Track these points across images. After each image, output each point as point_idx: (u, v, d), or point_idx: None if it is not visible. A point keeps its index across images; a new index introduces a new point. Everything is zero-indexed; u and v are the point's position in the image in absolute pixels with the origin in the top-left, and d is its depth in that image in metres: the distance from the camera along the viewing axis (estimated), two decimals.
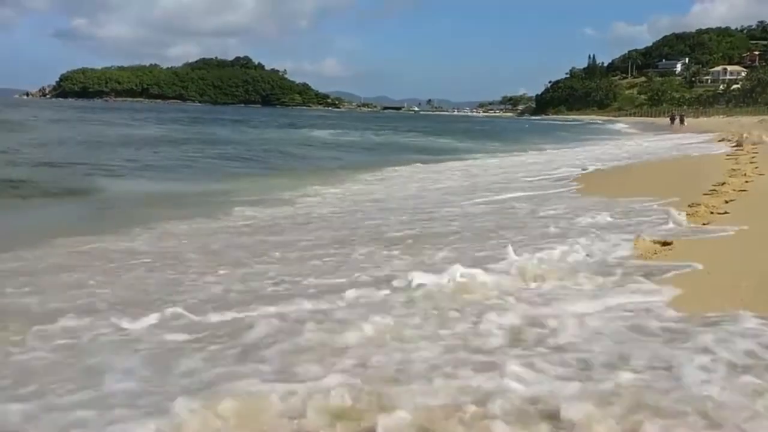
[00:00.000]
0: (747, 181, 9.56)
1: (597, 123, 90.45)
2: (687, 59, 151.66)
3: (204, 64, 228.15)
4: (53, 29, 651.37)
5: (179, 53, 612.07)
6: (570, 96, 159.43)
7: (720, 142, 23.85)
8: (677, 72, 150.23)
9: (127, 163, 18.80)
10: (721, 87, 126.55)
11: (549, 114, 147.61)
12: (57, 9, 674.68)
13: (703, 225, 6.32)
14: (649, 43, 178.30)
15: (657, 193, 8.84)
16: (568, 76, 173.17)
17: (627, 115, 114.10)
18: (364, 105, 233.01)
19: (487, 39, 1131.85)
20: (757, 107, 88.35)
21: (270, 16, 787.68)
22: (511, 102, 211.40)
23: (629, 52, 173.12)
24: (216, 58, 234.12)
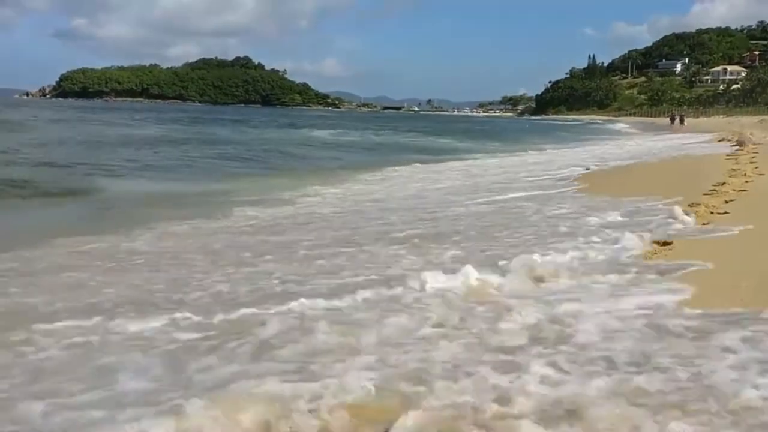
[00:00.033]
0: (747, 181, 9.58)
1: (597, 123, 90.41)
2: (687, 59, 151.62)
3: (204, 64, 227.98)
4: (53, 29, 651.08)
5: (179, 53, 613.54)
6: (570, 96, 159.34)
7: (720, 142, 23.83)
8: (677, 72, 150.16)
9: (127, 163, 18.77)
10: (721, 87, 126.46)
11: (549, 114, 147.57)
12: (57, 9, 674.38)
13: (704, 225, 6.34)
14: (649, 43, 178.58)
15: (660, 193, 8.84)
16: (568, 76, 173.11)
17: (627, 115, 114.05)
18: (364, 105, 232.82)
19: (487, 39, 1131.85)
20: (757, 107, 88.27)
21: (270, 16, 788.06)
22: (511, 102, 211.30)
23: (629, 52, 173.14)
24: (216, 58, 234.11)
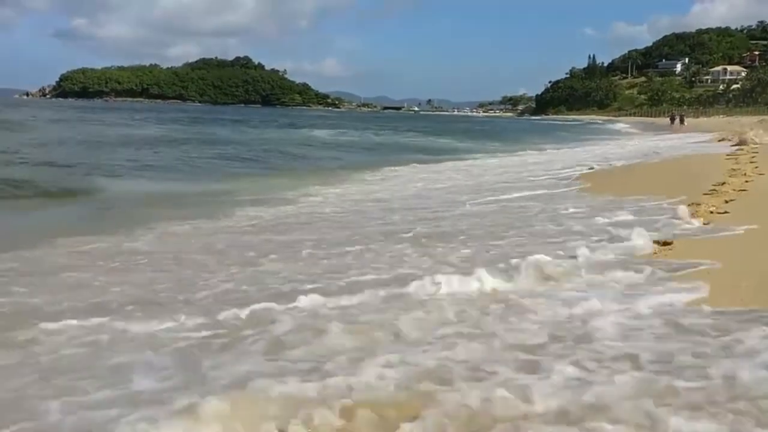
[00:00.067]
0: (747, 181, 9.58)
1: (597, 123, 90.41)
2: (687, 59, 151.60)
3: (204, 64, 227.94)
4: (53, 29, 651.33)
5: (179, 53, 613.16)
6: (570, 96, 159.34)
7: (720, 141, 23.82)
8: (677, 72, 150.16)
9: (127, 163, 18.78)
10: (721, 87, 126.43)
11: (549, 114, 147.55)
12: (57, 9, 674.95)
13: (706, 224, 6.36)
14: (649, 43, 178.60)
15: (662, 192, 8.86)
16: (568, 76, 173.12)
17: (627, 115, 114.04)
18: (364, 105, 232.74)
19: (487, 39, 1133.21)
20: (757, 107, 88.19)
21: (270, 16, 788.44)
22: (511, 102, 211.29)
23: (629, 52, 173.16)
24: (216, 58, 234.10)
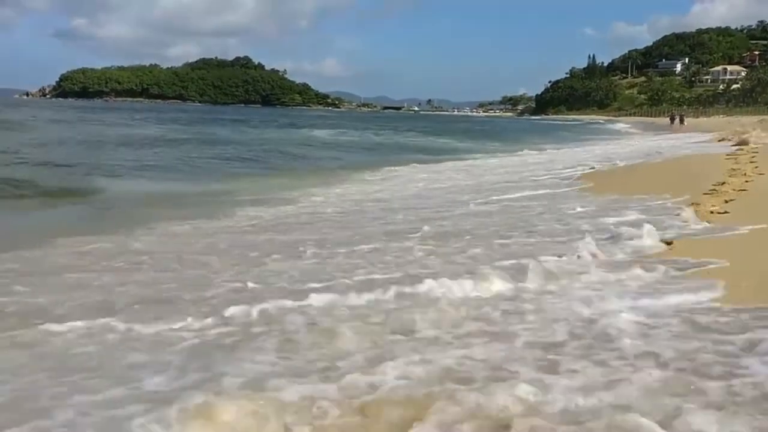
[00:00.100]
0: (747, 181, 9.58)
1: (598, 123, 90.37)
2: (687, 59, 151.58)
3: (204, 64, 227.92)
4: (53, 29, 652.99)
5: (179, 53, 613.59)
6: (570, 96, 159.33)
7: (720, 141, 23.80)
8: (677, 72, 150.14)
9: (127, 163, 18.79)
10: (721, 87, 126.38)
11: (549, 114, 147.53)
12: (57, 9, 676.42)
13: (711, 224, 6.40)
14: (649, 43, 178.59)
15: (666, 191, 8.88)
16: (568, 76, 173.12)
17: (627, 115, 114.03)
18: (364, 105, 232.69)
19: (487, 39, 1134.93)
20: (757, 107, 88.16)
21: (270, 16, 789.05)
22: (511, 102, 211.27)
23: (629, 52, 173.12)
24: (216, 58, 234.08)
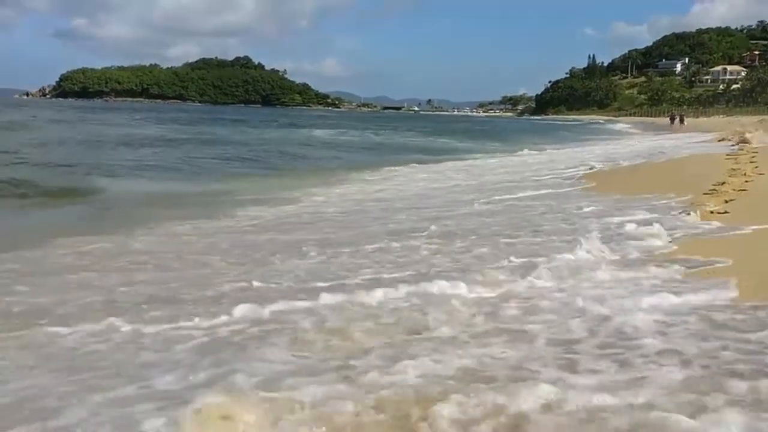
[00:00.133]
0: (747, 181, 9.58)
1: (598, 123, 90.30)
2: (687, 59, 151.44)
3: (204, 64, 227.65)
4: (53, 29, 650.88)
5: (179, 53, 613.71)
6: (570, 96, 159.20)
7: (720, 141, 23.80)
8: (677, 72, 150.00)
9: (127, 163, 18.78)
10: (721, 87, 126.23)
11: (549, 114, 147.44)
12: (57, 9, 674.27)
13: (719, 223, 6.43)
14: (649, 43, 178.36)
15: (669, 191, 8.90)
16: (568, 76, 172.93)
17: (627, 115, 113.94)
18: (364, 105, 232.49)
19: (487, 39, 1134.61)
20: (757, 107, 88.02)
21: (270, 16, 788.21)
22: (511, 102, 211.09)
23: (629, 52, 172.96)
24: (216, 58, 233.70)
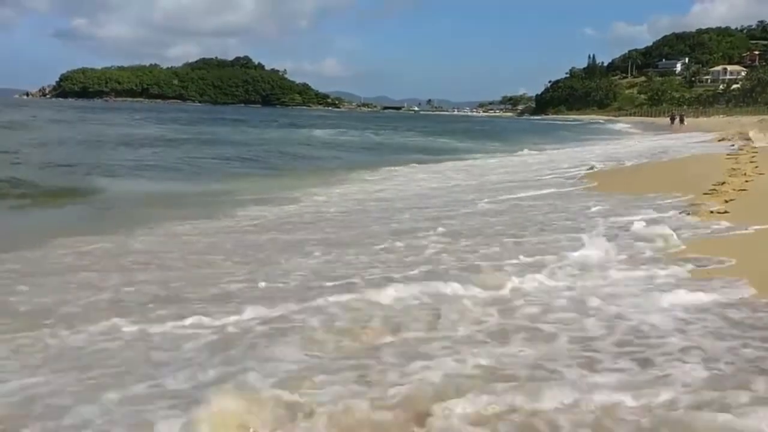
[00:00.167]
0: (747, 181, 9.58)
1: (598, 123, 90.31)
2: (687, 59, 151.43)
3: (204, 64, 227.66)
4: (53, 29, 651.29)
5: (179, 53, 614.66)
6: (570, 96, 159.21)
7: (720, 141, 23.80)
8: (677, 72, 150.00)
9: (127, 163, 18.77)
10: (721, 87, 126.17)
11: (549, 114, 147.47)
12: (57, 9, 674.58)
13: (725, 223, 6.43)
14: (649, 43, 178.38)
15: (672, 191, 8.92)
16: (568, 76, 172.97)
17: (627, 115, 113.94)
18: (364, 105, 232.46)
19: (487, 39, 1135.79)
20: (757, 107, 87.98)
21: (270, 16, 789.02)
22: (511, 102, 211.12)
23: (629, 51, 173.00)
24: (216, 58, 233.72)
